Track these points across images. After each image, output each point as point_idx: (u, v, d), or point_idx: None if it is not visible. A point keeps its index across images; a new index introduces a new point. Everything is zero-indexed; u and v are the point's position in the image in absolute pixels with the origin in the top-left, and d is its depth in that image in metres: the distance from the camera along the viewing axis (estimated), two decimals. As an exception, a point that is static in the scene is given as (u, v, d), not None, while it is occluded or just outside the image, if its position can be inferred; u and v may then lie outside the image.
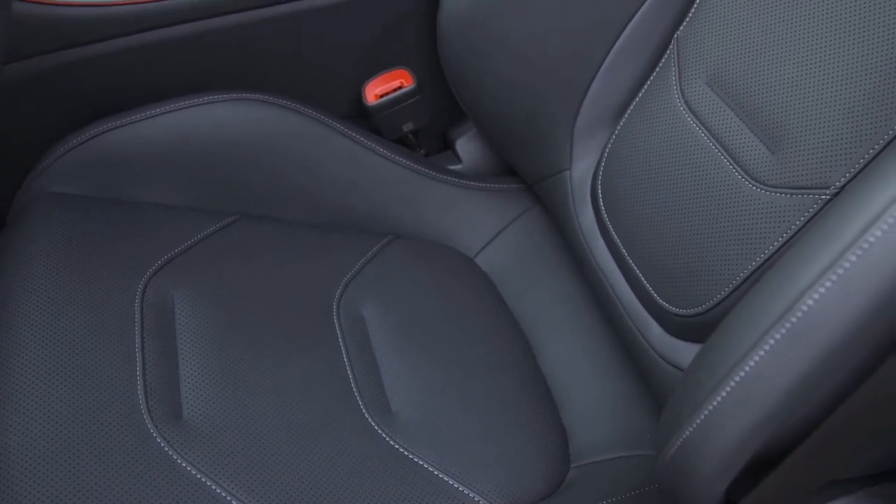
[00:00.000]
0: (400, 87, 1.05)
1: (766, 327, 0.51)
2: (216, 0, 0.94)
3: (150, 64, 0.97)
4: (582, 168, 0.95)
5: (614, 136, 0.91)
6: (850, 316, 0.47)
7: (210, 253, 0.91)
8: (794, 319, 0.49)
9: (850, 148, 0.68)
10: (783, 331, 0.49)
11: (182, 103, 0.96)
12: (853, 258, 0.47)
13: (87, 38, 0.92)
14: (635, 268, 0.85)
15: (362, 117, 1.08)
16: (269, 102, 0.97)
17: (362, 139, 1.00)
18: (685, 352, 0.79)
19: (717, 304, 0.76)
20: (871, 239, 0.47)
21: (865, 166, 0.67)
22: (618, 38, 0.89)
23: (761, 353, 0.50)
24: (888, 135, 0.67)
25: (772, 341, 0.50)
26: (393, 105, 1.06)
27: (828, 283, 0.48)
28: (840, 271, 0.48)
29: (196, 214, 0.95)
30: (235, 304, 0.87)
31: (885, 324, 0.48)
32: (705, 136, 0.80)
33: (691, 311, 0.78)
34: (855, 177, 0.68)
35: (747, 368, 0.51)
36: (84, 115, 0.96)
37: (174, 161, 0.96)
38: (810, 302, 0.48)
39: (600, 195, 0.91)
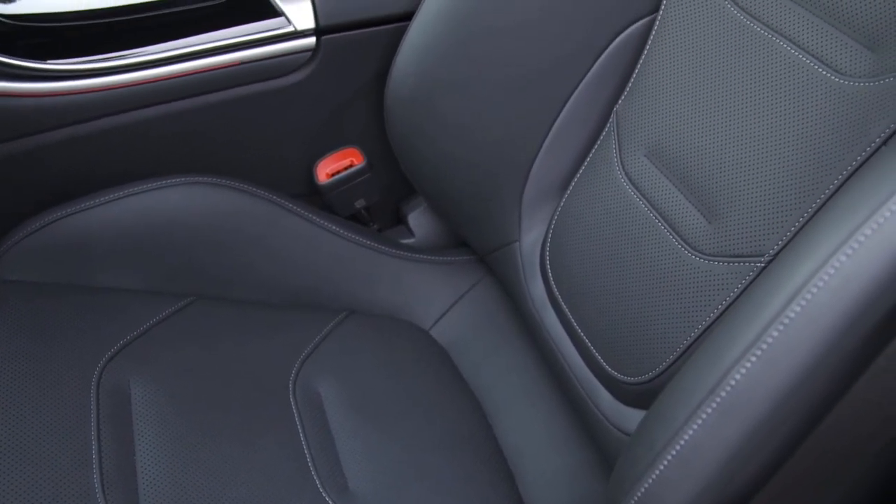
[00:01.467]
0: (350, 166, 1.07)
1: (699, 401, 0.53)
2: (163, 87, 0.95)
3: (104, 150, 0.98)
4: (531, 239, 0.97)
5: (560, 208, 0.93)
6: (775, 390, 0.49)
7: (166, 336, 0.92)
8: (723, 394, 0.51)
9: (781, 217, 0.71)
10: (714, 405, 0.51)
11: (137, 188, 0.97)
12: (775, 333, 0.49)
13: (39, 128, 0.94)
14: (584, 337, 0.87)
15: (315, 195, 1.09)
16: (222, 185, 0.99)
17: (315, 217, 1.02)
18: (636, 419, 0.80)
19: (663, 371, 0.77)
20: (791, 314, 0.49)
21: (796, 234, 0.70)
22: (559, 114, 0.92)
23: (695, 426, 0.52)
24: (815, 203, 0.69)
25: (704, 416, 0.52)
26: (344, 183, 1.08)
27: (752, 359, 0.50)
28: (763, 346, 0.50)
29: (152, 297, 0.96)
30: (192, 387, 0.87)
31: (811, 393, 0.50)
32: (646, 206, 0.83)
33: (638, 380, 0.80)
34: (787, 244, 0.70)
35: (682, 442, 0.53)
36: (39, 202, 0.96)
37: (130, 245, 0.97)
38: (737, 377, 0.50)
39: (549, 266, 0.93)
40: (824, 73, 0.71)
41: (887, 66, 0.68)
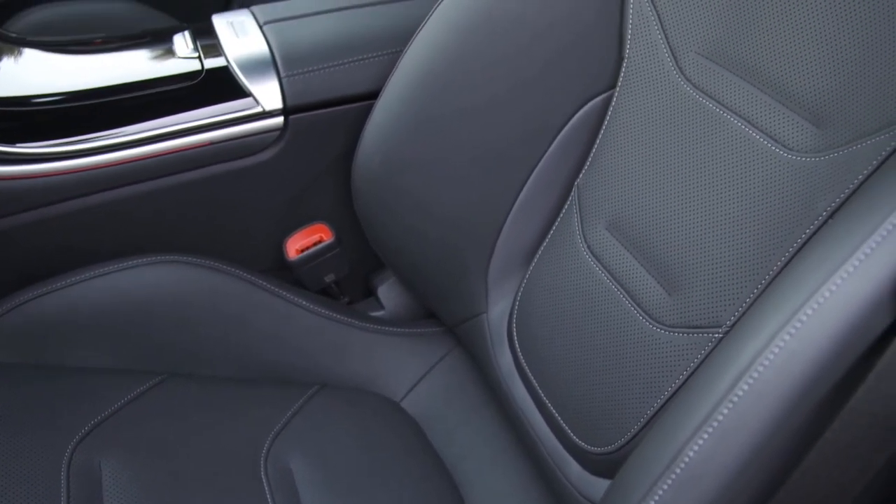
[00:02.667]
0: (319, 242, 1.09)
1: (656, 476, 0.54)
2: (134, 168, 0.97)
3: (75, 230, 0.99)
4: (498, 311, 0.98)
5: (525, 280, 0.95)
6: (727, 466, 0.50)
7: (137, 415, 0.92)
8: (678, 470, 0.52)
9: (737, 289, 0.73)
10: (669, 480, 0.53)
11: (107, 268, 0.98)
12: (725, 411, 0.51)
13: (10, 210, 0.95)
14: (551, 408, 0.88)
15: (285, 269, 1.11)
16: (192, 263, 1.00)
17: (285, 293, 1.03)
18: (604, 489, 0.81)
19: (628, 441, 0.79)
20: (740, 392, 0.51)
21: (751, 305, 0.72)
22: (522, 188, 0.94)
23: (652, 502, 0.53)
24: (768, 276, 0.72)
25: (660, 491, 0.53)
26: (314, 259, 1.09)
27: (704, 436, 0.51)
28: (715, 424, 0.51)
29: (123, 376, 0.96)
30: (164, 467, 0.87)
31: (763, 467, 0.51)
32: (608, 279, 0.85)
33: (605, 450, 0.81)
34: (742, 316, 0.72)
35: (642, 517, 0.54)
36: (10, 282, 0.97)
37: (101, 325, 0.98)
38: (691, 453, 0.52)
39: (516, 337, 0.94)
40: (773, 148, 0.74)
41: (832, 141, 0.70)
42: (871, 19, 0.69)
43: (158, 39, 1.09)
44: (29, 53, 1.06)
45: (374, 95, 1.00)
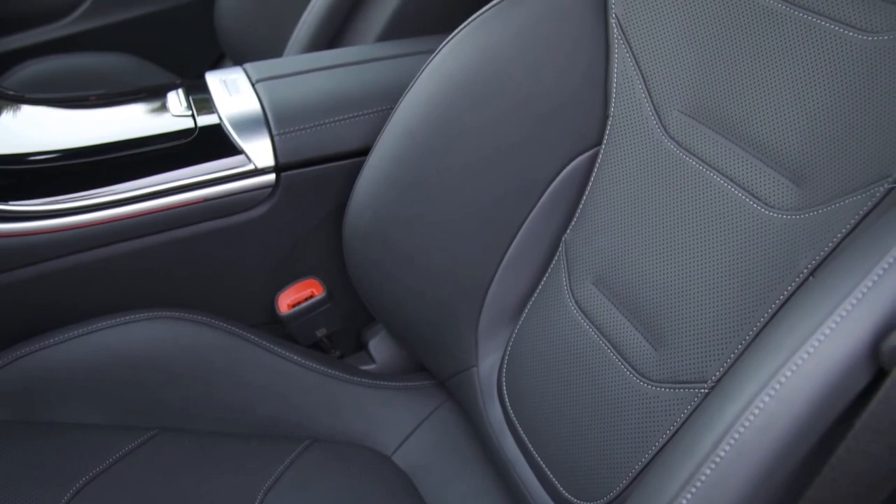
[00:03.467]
0: (311, 297, 1.10)
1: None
2: (127, 225, 0.98)
3: (68, 287, 1.00)
4: (488, 365, 0.99)
5: (515, 334, 0.96)
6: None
7: (130, 471, 0.92)
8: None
9: (721, 344, 0.74)
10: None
11: (101, 324, 0.99)
12: (707, 472, 0.52)
13: (2, 268, 0.95)
14: (541, 462, 0.89)
15: (277, 324, 1.12)
16: (185, 319, 1.01)
17: (276, 348, 1.04)
18: (594, 543, 0.82)
19: (617, 496, 0.79)
20: (721, 453, 0.52)
21: (735, 361, 0.73)
22: (510, 244, 0.95)
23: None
24: (752, 332, 0.73)
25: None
26: (305, 313, 1.10)
27: (688, 496, 0.52)
28: (697, 484, 0.52)
29: (115, 432, 0.96)
30: (154, 524, 0.87)
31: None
32: (595, 334, 0.86)
33: (595, 505, 0.81)
34: (727, 371, 0.73)
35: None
36: (1, 339, 0.98)
37: (93, 381, 0.98)
38: (674, 514, 0.53)
39: (505, 392, 0.95)
40: (754, 205, 0.76)
41: (811, 200, 0.72)
42: (846, 80, 0.71)
43: (153, 96, 1.10)
44: (25, 110, 1.07)
45: (364, 152, 1.02)
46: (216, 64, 2.06)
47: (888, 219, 0.61)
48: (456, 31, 0.95)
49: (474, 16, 0.95)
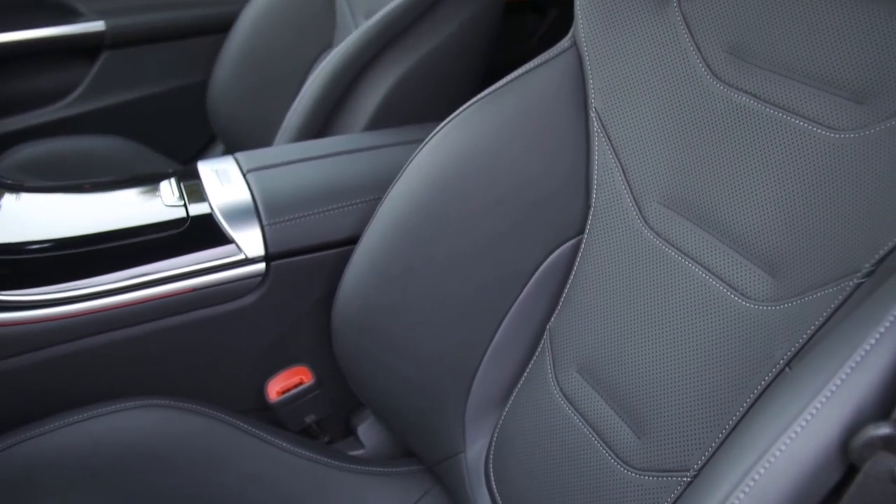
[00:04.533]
0: (300, 384, 1.11)
1: None
2: (118, 315, 0.99)
3: (53, 376, 1.01)
4: (476, 450, 1.00)
5: (502, 420, 0.97)
6: None
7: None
8: None
9: (702, 433, 0.76)
10: None
11: (90, 413, 0.99)
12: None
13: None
14: (529, 550, 0.89)
15: (266, 410, 1.13)
16: (172, 407, 1.02)
17: (266, 435, 1.05)
18: None
19: (604, 586, 0.80)
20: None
21: (717, 450, 0.74)
22: (496, 332, 0.97)
23: None
24: (732, 421, 0.74)
25: None
26: (295, 400, 1.11)
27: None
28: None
29: (103, 521, 0.97)
30: None
31: None
32: (580, 422, 0.87)
33: None
34: (709, 460, 0.75)
35: None
36: (-9, 428, 0.99)
37: (84, 470, 0.98)
38: None
39: (493, 478, 0.96)
40: (732, 296, 0.78)
41: (786, 291, 0.74)
42: (815, 176, 0.74)
43: (146, 185, 1.13)
44: (20, 198, 1.09)
45: (353, 241, 1.04)
46: (208, 146, 2.09)
47: (857, 315, 0.63)
48: (442, 124, 0.98)
49: (460, 109, 0.98)
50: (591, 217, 0.93)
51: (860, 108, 0.73)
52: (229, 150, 1.87)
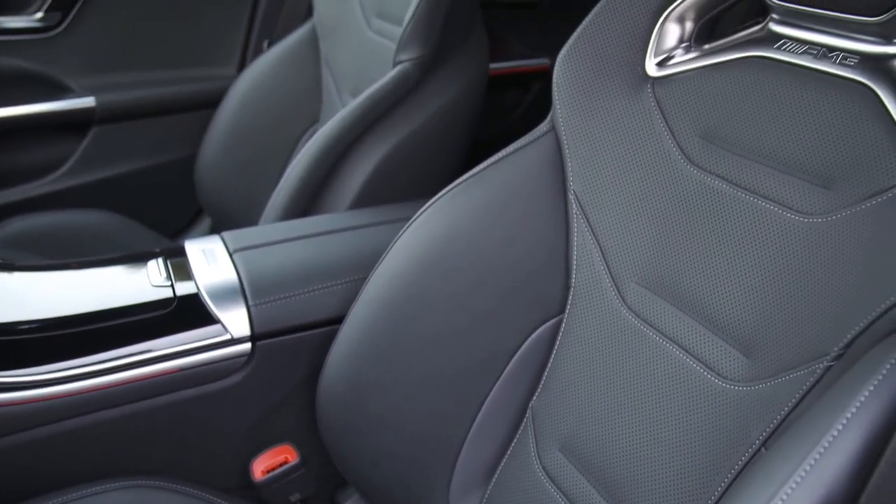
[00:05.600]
0: (285, 463, 1.12)
1: None
2: (105, 395, 1.00)
3: (37, 458, 1.00)
4: (460, 529, 1.01)
5: (486, 498, 0.98)
6: None
7: None
8: None
9: (684, 509, 0.77)
10: None
11: (74, 494, 0.99)
12: None
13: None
14: None
15: (251, 489, 1.13)
16: (157, 487, 1.02)
17: (250, 515, 1.05)
18: None
19: None
20: None
21: (696, 532, 0.76)
22: (479, 410, 0.98)
23: None
24: (710, 501, 0.76)
25: None
26: (280, 479, 1.12)
27: None
28: None
29: None
30: None
31: None
32: (562, 500, 0.88)
33: None
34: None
35: None
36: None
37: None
38: None
39: (477, 556, 0.97)
40: (709, 376, 0.80)
41: (760, 372, 0.76)
42: (786, 259, 0.76)
43: (134, 264, 1.14)
44: (11, 277, 1.10)
45: (338, 321, 1.05)
46: (195, 219, 2.11)
47: (826, 399, 0.64)
48: (424, 207, 1.00)
49: (442, 192, 1.00)
50: (571, 297, 0.95)
51: (827, 193, 0.75)
52: (216, 224, 1.90)
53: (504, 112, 2.21)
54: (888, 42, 0.76)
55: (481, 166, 1.00)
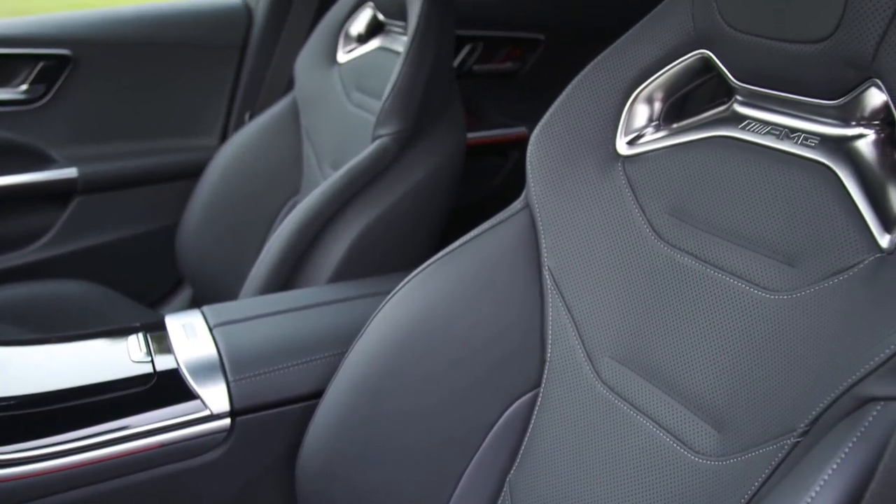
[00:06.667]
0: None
1: None
2: (83, 472, 0.99)
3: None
4: None
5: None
6: None
7: None
8: None
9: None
10: None
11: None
12: None
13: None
14: None
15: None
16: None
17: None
18: None
19: None
20: None
21: None
22: (457, 485, 0.99)
23: None
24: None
25: None
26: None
27: None
28: None
29: None
30: None
31: None
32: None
33: None
34: None
35: None
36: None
37: None
38: None
39: None
40: (681, 450, 0.81)
41: (731, 447, 0.77)
42: (754, 336, 0.78)
43: (114, 339, 1.15)
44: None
45: (317, 395, 1.06)
46: (175, 289, 2.12)
47: (793, 476, 0.66)
48: (401, 284, 1.02)
49: (418, 269, 1.02)
50: (546, 371, 0.96)
51: (792, 270, 0.77)
52: (197, 294, 1.91)
53: (483, 180, 2.24)
54: (846, 124, 0.78)
55: (458, 242, 1.02)
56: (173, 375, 1.07)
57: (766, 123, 0.85)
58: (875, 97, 0.76)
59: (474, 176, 2.13)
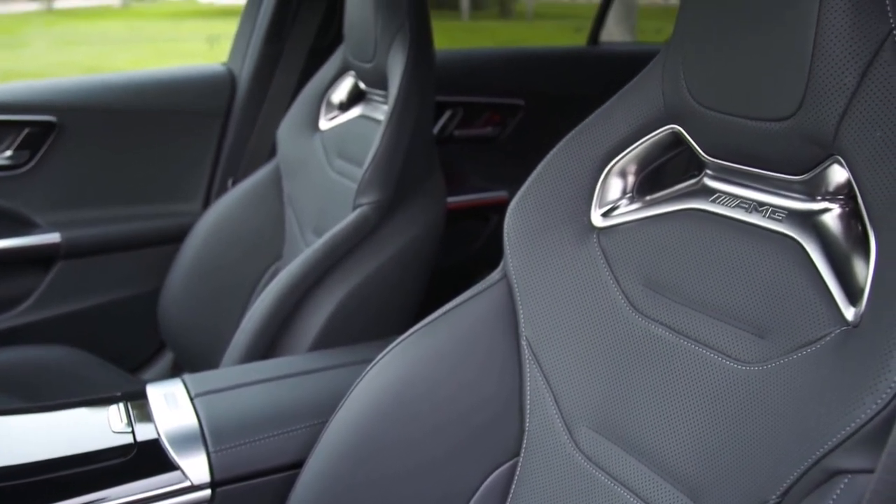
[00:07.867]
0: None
1: None
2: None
3: None
4: None
5: None
6: None
7: None
8: None
9: None
10: None
11: None
12: None
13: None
14: None
15: None
16: None
17: None
18: None
19: None
20: None
21: None
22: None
23: None
24: None
25: None
26: None
27: None
28: None
29: None
30: None
31: None
32: None
33: None
34: None
35: None
36: None
37: None
38: None
39: None
40: (658, 522, 0.82)
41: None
42: (726, 407, 0.79)
43: (95, 409, 1.15)
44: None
45: (299, 465, 1.06)
46: (157, 353, 2.12)
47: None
48: (381, 355, 1.03)
49: (399, 339, 1.03)
50: (525, 440, 0.97)
51: (762, 342, 0.79)
52: (179, 359, 1.91)
53: (464, 243, 2.26)
54: (812, 199, 0.81)
55: (439, 312, 1.03)
56: (154, 446, 1.08)
57: (736, 197, 0.87)
58: (838, 174, 0.78)
59: (456, 239, 2.16)
